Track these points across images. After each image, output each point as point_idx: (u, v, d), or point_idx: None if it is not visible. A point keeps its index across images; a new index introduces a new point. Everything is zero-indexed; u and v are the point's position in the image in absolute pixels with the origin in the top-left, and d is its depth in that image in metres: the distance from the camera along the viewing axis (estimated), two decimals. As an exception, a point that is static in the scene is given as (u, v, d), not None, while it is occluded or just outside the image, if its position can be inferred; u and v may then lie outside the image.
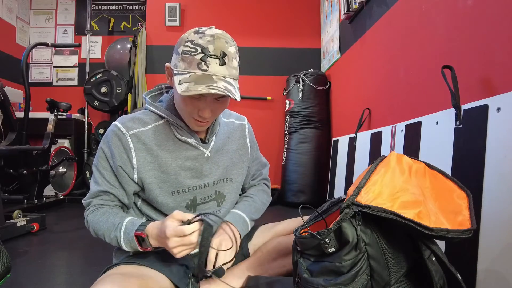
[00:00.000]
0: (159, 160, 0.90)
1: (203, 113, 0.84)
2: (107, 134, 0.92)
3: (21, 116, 2.77)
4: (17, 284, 1.27)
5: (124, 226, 0.84)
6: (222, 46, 0.81)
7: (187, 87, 0.78)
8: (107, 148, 0.91)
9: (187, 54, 0.81)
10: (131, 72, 3.55)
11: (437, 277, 0.68)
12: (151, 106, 0.95)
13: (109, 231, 0.86)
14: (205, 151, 0.95)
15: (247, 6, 3.70)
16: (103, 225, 0.87)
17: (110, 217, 0.87)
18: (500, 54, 1.12)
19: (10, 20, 3.77)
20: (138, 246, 0.83)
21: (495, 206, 0.98)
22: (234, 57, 0.84)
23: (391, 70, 1.96)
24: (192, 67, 0.80)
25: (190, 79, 0.79)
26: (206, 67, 0.80)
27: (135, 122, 0.92)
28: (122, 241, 0.84)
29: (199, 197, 0.96)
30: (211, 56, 0.80)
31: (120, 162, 0.89)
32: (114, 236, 0.85)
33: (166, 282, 0.85)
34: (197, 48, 0.80)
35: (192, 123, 0.89)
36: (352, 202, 0.69)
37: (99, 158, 0.92)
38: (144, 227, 0.82)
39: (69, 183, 3.34)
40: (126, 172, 0.90)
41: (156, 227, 0.81)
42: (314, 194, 2.98)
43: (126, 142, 0.89)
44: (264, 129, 3.54)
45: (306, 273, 0.73)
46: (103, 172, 0.91)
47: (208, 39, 0.81)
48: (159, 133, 0.92)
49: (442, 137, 1.27)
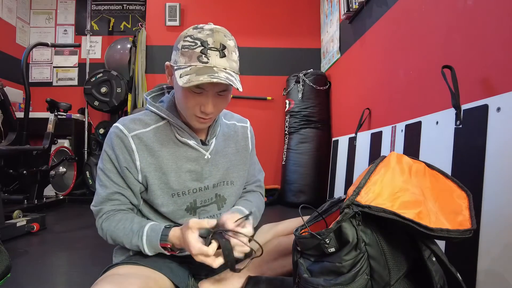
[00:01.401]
0: (160, 162, 0.90)
1: (206, 107, 0.84)
2: (109, 136, 0.91)
3: (21, 116, 2.77)
4: (17, 284, 1.27)
5: (146, 234, 0.85)
6: (221, 39, 0.82)
7: (188, 78, 0.79)
8: (110, 150, 0.90)
9: (187, 49, 0.81)
10: (131, 72, 3.55)
11: (437, 277, 0.68)
12: (152, 107, 0.94)
13: (128, 239, 0.87)
14: (205, 153, 0.94)
15: (247, 6, 3.70)
16: (121, 232, 0.87)
17: (127, 224, 0.88)
18: (500, 54, 1.12)
19: (10, 20, 3.77)
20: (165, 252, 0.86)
21: (495, 206, 0.98)
22: (234, 50, 0.84)
23: (391, 70, 1.96)
24: (192, 60, 0.80)
25: (191, 71, 0.79)
26: (207, 59, 0.80)
27: (136, 123, 0.91)
28: (146, 249, 0.86)
29: (199, 200, 0.95)
30: (211, 48, 0.80)
31: (125, 163, 0.89)
32: (136, 244, 0.86)
33: (166, 282, 0.85)
34: (197, 41, 0.81)
35: (194, 120, 0.88)
36: (352, 202, 0.69)
37: (103, 161, 0.91)
38: (166, 236, 0.84)
39: (69, 183, 3.34)
40: (131, 173, 0.89)
41: (178, 237, 0.82)
42: (314, 194, 2.98)
43: (129, 143, 0.88)
44: (264, 129, 3.54)
45: (306, 273, 0.73)
46: (109, 175, 0.90)
47: (207, 33, 0.81)
48: (160, 134, 0.91)
49: (442, 137, 1.27)
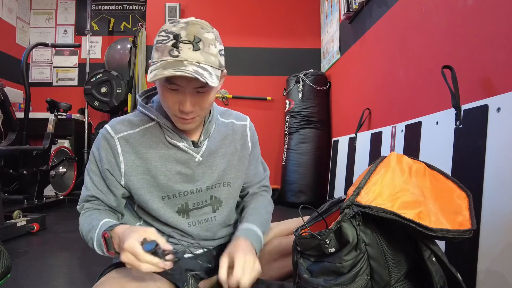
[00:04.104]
0: (148, 164, 0.87)
1: (183, 106, 0.79)
2: (98, 137, 0.90)
3: (21, 116, 2.77)
4: (17, 284, 1.27)
5: (99, 227, 0.80)
6: (196, 31, 0.76)
7: (154, 73, 0.74)
8: (96, 151, 0.89)
9: (160, 43, 0.78)
10: (131, 72, 3.55)
11: (437, 277, 0.68)
12: (142, 107, 0.91)
13: (87, 234, 0.83)
14: (196, 155, 0.90)
15: (247, 6, 3.70)
16: (86, 227, 0.84)
17: (93, 220, 0.84)
18: (500, 54, 1.12)
19: (10, 20, 3.77)
20: (104, 248, 0.78)
21: (495, 206, 0.98)
22: (213, 43, 0.79)
23: (391, 70, 1.96)
24: (164, 55, 0.76)
25: (160, 66, 0.75)
26: (178, 53, 0.75)
27: (125, 124, 0.89)
28: (94, 242, 0.80)
29: (191, 203, 0.92)
30: (183, 41, 0.75)
31: (108, 166, 0.86)
32: (90, 237, 0.81)
33: (166, 283, 0.84)
34: (169, 35, 0.76)
35: (177, 121, 0.85)
36: (352, 203, 0.69)
37: (90, 162, 0.91)
38: (112, 228, 0.77)
39: (69, 183, 3.34)
40: (114, 176, 0.87)
41: (122, 231, 0.75)
42: (314, 194, 2.98)
43: (114, 145, 0.86)
44: (264, 129, 3.54)
45: (306, 273, 0.73)
46: (92, 176, 0.89)
47: (182, 26, 0.77)
48: (148, 136, 0.88)
49: (442, 137, 1.27)
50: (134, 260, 0.69)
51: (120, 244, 0.73)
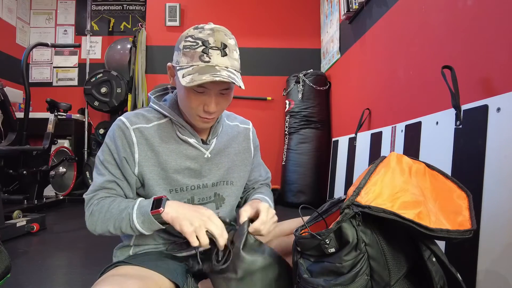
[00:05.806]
0: (159, 157, 0.91)
1: (209, 107, 0.85)
2: (112, 128, 0.93)
3: (21, 116, 2.77)
4: (17, 284, 1.27)
5: (138, 201, 0.84)
6: (222, 38, 0.83)
7: (191, 78, 0.80)
8: (111, 142, 0.91)
9: (188, 49, 0.83)
10: (131, 72, 3.55)
11: (437, 278, 0.68)
12: (155, 105, 0.96)
13: (121, 212, 0.83)
14: (205, 152, 0.95)
15: (247, 6, 3.70)
16: (116, 208, 0.84)
17: (123, 201, 0.86)
18: (500, 54, 1.12)
19: (10, 20, 3.77)
20: (149, 210, 0.80)
21: (495, 206, 0.98)
22: (235, 49, 0.86)
23: (391, 70, 1.96)
24: (194, 60, 0.82)
25: (193, 71, 0.81)
26: (209, 59, 0.81)
27: (139, 118, 0.93)
28: (134, 211, 0.82)
29: (197, 198, 0.96)
30: (212, 48, 0.81)
31: (124, 154, 0.89)
32: (128, 212, 0.83)
33: (166, 282, 0.85)
34: (198, 41, 0.82)
35: (198, 120, 0.89)
36: (352, 203, 0.69)
37: (103, 153, 0.92)
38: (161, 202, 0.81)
39: (69, 183, 3.34)
40: (129, 165, 0.90)
41: (180, 205, 0.82)
42: (314, 195, 2.98)
43: (130, 135, 0.90)
44: (264, 129, 3.54)
45: (306, 274, 0.73)
46: (107, 166, 0.91)
47: (208, 32, 0.83)
48: (161, 131, 0.93)
49: (442, 137, 1.27)
50: (217, 229, 0.78)
51: (196, 211, 0.80)
